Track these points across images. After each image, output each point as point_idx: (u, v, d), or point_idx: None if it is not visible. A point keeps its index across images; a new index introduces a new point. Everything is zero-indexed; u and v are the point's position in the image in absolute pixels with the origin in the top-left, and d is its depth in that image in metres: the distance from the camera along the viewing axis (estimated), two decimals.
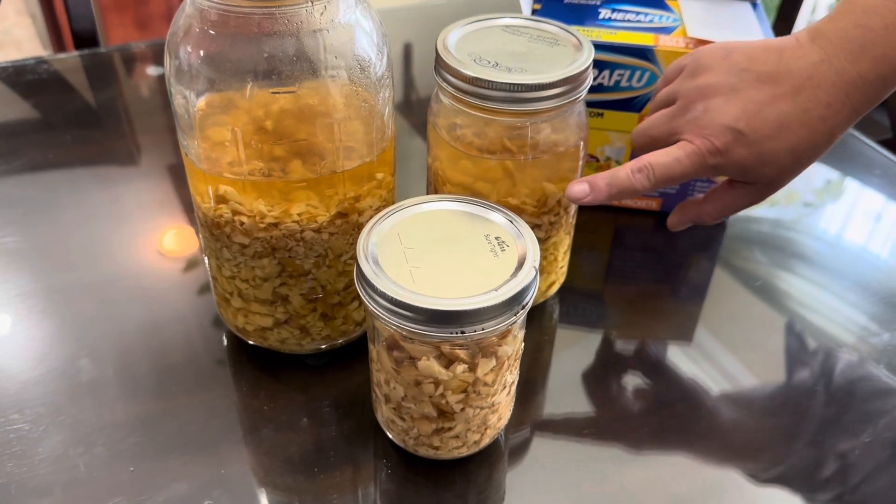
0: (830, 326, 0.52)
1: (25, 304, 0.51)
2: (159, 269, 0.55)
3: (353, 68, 0.38)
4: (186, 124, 0.39)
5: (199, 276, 0.54)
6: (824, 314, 0.53)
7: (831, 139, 0.42)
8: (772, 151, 0.42)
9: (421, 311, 0.34)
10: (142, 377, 0.46)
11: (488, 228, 0.39)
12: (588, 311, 0.53)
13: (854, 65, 0.40)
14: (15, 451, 0.42)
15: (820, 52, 0.41)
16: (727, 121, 0.42)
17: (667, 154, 0.44)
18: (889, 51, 0.39)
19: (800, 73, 0.41)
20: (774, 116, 0.42)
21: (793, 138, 0.42)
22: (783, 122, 0.42)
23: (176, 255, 0.56)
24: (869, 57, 0.40)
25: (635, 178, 0.44)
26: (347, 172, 0.40)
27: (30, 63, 0.77)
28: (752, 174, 0.43)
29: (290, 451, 0.42)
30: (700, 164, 0.43)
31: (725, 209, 0.46)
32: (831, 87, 0.41)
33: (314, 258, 0.41)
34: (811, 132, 0.41)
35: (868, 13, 0.40)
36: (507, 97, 0.41)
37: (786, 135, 0.42)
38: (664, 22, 0.55)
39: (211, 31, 0.36)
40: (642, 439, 0.44)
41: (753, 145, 0.42)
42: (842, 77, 0.40)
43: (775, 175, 0.43)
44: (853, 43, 0.40)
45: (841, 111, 0.41)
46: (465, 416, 0.38)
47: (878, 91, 0.41)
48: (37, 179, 0.63)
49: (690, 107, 0.44)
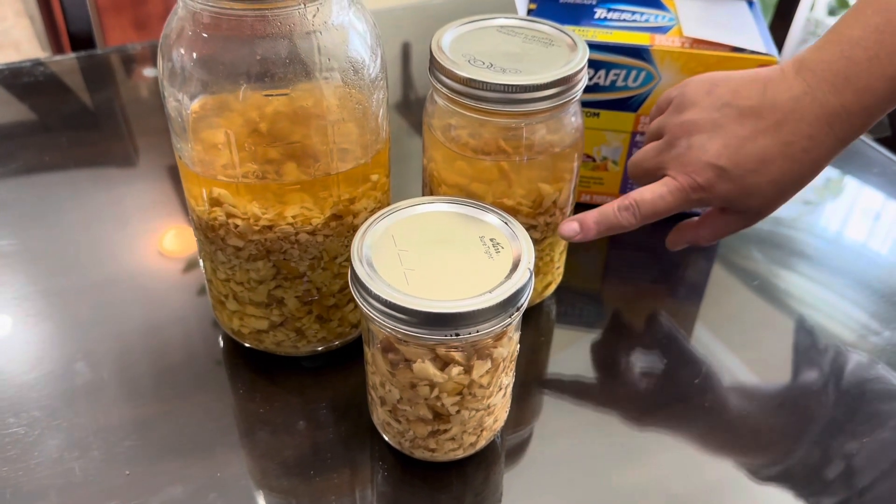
0: (830, 325, 0.52)
1: (21, 308, 0.51)
2: (155, 272, 0.55)
3: (347, 70, 0.38)
4: (179, 127, 0.39)
5: (197, 278, 0.54)
6: (824, 312, 0.53)
7: (816, 169, 0.43)
8: (755, 185, 0.43)
9: (415, 314, 0.34)
10: (137, 380, 0.46)
11: (483, 230, 0.38)
12: (585, 312, 0.53)
13: (837, 97, 0.41)
14: (10, 455, 0.42)
15: (803, 84, 0.42)
16: (709, 158, 0.43)
17: (651, 191, 0.45)
18: (873, 82, 0.40)
19: (783, 105, 0.42)
20: (756, 151, 0.42)
21: (775, 171, 0.42)
22: (765, 155, 0.42)
23: (172, 258, 0.56)
24: (853, 89, 0.40)
25: (622, 216, 0.45)
26: (342, 174, 0.40)
27: (26, 65, 0.77)
28: (738, 205, 0.45)
29: (287, 453, 0.42)
30: (684, 199, 0.44)
31: (718, 233, 0.48)
32: (814, 119, 0.41)
33: (309, 260, 0.41)
34: (794, 164, 0.42)
35: (853, 45, 0.40)
36: (501, 98, 0.41)
37: (769, 168, 0.42)
38: (660, 21, 0.54)
39: (203, 33, 0.36)
40: (640, 440, 0.44)
41: (737, 180, 0.43)
42: (825, 109, 0.41)
43: (760, 205, 0.44)
44: (837, 75, 0.40)
45: (824, 142, 0.42)
46: (461, 418, 0.38)
47: (863, 121, 0.41)
48: (33, 182, 0.63)
49: (675, 143, 0.45)
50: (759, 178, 0.43)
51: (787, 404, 0.46)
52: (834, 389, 0.47)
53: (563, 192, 0.46)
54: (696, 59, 0.51)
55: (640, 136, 0.56)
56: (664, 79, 0.52)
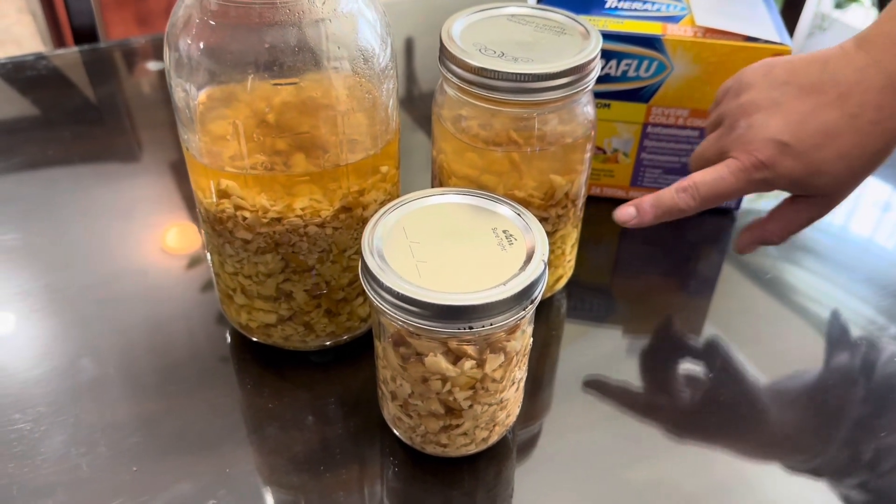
0: (838, 320, 0.51)
1: (26, 303, 0.50)
2: (161, 266, 0.54)
3: (357, 59, 0.37)
4: (187, 118, 0.38)
5: (202, 274, 0.53)
6: (829, 307, 0.52)
7: (888, 143, 0.41)
8: (821, 160, 0.41)
9: (428, 307, 0.33)
10: (144, 375, 0.46)
11: (495, 221, 0.38)
12: (596, 306, 0.53)
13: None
14: (16, 452, 0.41)
15: (866, 56, 0.40)
16: (770, 134, 0.41)
17: (712, 171, 0.43)
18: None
19: (846, 79, 0.40)
20: (820, 125, 0.41)
21: (843, 145, 0.40)
22: (829, 129, 0.41)
23: (178, 252, 0.56)
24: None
25: (680, 198, 0.44)
26: (351, 166, 0.39)
27: (29, 59, 0.76)
28: (806, 186, 0.42)
29: (296, 449, 0.42)
30: (745, 179, 0.42)
31: (789, 225, 0.45)
32: (881, 88, 0.40)
33: (318, 253, 0.41)
34: (863, 137, 0.40)
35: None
36: (513, 87, 0.40)
37: (835, 142, 0.41)
38: (672, 11, 0.54)
39: (211, 21, 0.35)
40: (652, 436, 0.43)
41: (801, 156, 0.41)
42: (892, 79, 0.39)
43: (831, 185, 0.42)
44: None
45: (894, 113, 0.40)
46: (474, 412, 0.38)
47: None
48: (36, 177, 0.62)
49: (735, 125, 0.43)
50: (826, 153, 0.41)
51: (802, 399, 0.46)
52: (849, 384, 0.47)
53: (575, 183, 0.45)
54: (708, 48, 0.51)
55: (651, 128, 0.55)
56: (676, 69, 0.52)
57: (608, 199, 0.60)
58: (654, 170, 0.57)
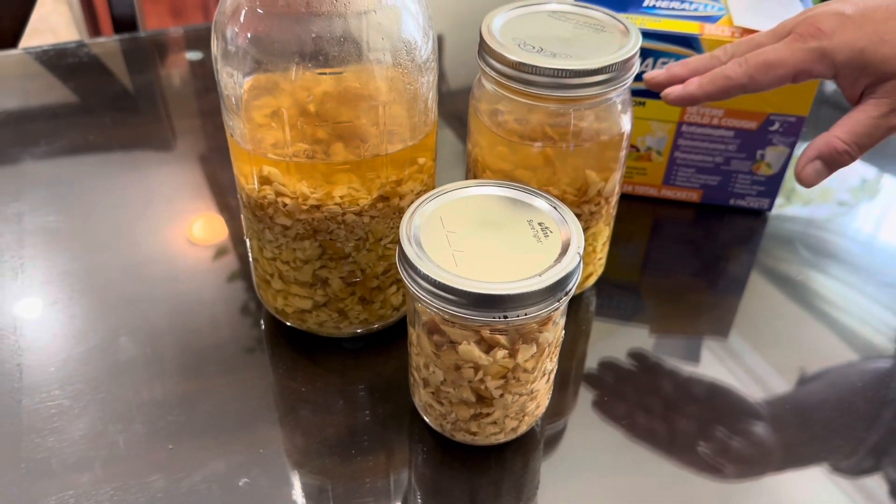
0: (863, 329, 0.51)
1: (67, 283, 0.52)
2: (199, 250, 0.55)
3: (399, 51, 0.38)
4: (232, 105, 0.39)
5: (239, 260, 0.54)
6: (856, 315, 0.52)
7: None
8: (885, 30, 0.38)
9: (464, 295, 0.34)
10: (180, 357, 0.47)
11: (531, 214, 0.38)
12: (624, 304, 0.53)
13: None
14: (56, 427, 0.42)
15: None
16: (833, 8, 0.39)
17: (765, 43, 0.41)
18: None
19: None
20: (884, 2, 0.39)
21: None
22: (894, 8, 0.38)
23: (216, 239, 0.57)
24: None
25: (729, 67, 0.41)
26: (390, 156, 0.40)
27: (70, 46, 0.78)
28: (870, 59, 0.38)
29: (327, 432, 0.42)
30: (800, 48, 0.39)
31: (856, 127, 0.40)
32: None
33: (354, 241, 0.41)
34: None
35: None
36: (550, 83, 0.41)
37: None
38: (709, 10, 0.54)
39: (259, 10, 0.36)
40: (677, 432, 0.43)
41: (865, 25, 0.38)
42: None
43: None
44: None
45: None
46: (504, 402, 0.38)
47: None
48: (78, 161, 0.64)
49: (797, 18, 0.42)
50: (892, 25, 0.38)
51: (830, 402, 0.46)
52: (877, 388, 0.46)
53: (610, 181, 0.46)
54: None
55: (686, 127, 0.55)
56: None
57: (640, 198, 0.60)
58: (687, 169, 0.57)
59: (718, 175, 0.57)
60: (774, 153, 0.55)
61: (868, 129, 0.40)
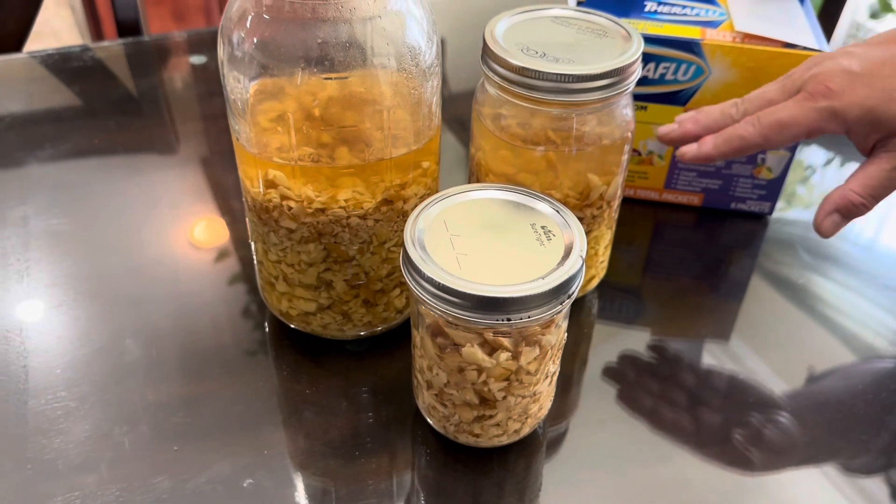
0: (863, 332, 0.51)
1: (72, 285, 0.52)
2: (203, 253, 0.56)
3: (404, 56, 0.38)
4: (238, 109, 0.39)
5: (243, 262, 0.54)
6: (858, 319, 0.52)
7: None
8: (894, 88, 0.39)
9: (467, 297, 0.34)
10: (184, 359, 0.47)
11: (534, 217, 0.39)
12: (626, 307, 0.53)
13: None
14: (62, 428, 0.43)
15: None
16: (842, 67, 0.40)
17: (776, 103, 0.42)
18: None
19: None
20: (891, 58, 0.39)
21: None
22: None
23: (219, 242, 0.57)
24: None
25: (741, 126, 0.42)
26: (394, 160, 0.40)
27: (75, 50, 0.78)
28: (880, 116, 0.39)
29: (331, 434, 0.43)
30: (811, 108, 0.40)
31: (870, 180, 0.41)
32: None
33: (359, 244, 0.42)
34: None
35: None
36: (553, 87, 0.41)
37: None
38: (711, 16, 0.54)
39: (265, 15, 0.37)
40: (679, 436, 0.44)
41: (874, 82, 0.39)
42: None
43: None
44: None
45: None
46: (507, 404, 0.38)
47: None
48: (83, 164, 0.64)
49: (805, 73, 0.42)
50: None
51: (830, 404, 0.46)
52: (877, 391, 0.47)
53: (612, 185, 0.46)
54: (746, 53, 0.51)
55: None
56: (714, 73, 0.52)
57: (641, 201, 0.60)
58: (688, 173, 0.58)
59: (719, 179, 0.58)
60: (775, 157, 0.56)
61: (881, 181, 0.41)
